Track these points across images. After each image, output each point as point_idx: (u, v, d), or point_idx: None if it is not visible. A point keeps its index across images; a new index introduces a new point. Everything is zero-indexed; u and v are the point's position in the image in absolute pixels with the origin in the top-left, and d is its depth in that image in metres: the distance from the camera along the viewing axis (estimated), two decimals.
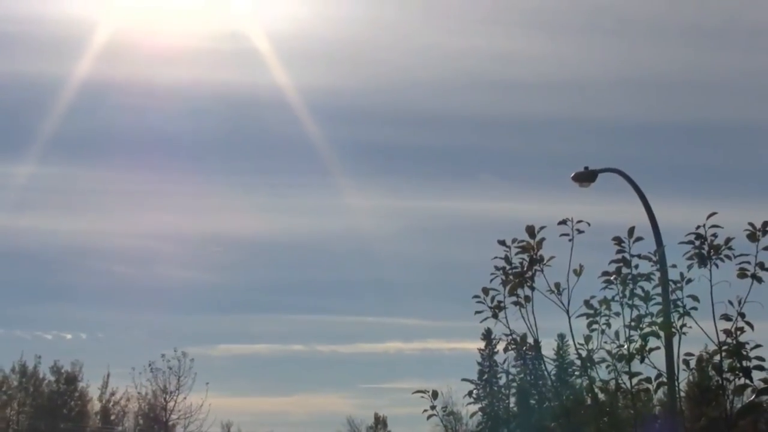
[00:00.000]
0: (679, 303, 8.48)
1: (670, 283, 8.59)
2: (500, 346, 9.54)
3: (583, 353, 8.72)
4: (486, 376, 76.61)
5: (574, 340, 8.79)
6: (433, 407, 9.21)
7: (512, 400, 75.32)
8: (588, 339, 8.72)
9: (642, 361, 8.53)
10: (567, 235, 8.92)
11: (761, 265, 8.23)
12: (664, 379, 8.54)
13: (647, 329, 8.53)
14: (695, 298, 8.44)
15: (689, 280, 8.50)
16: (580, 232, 8.92)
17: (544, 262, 8.88)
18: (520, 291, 8.88)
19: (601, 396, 8.72)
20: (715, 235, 8.44)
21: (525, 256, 8.91)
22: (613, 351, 8.61)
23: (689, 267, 8.51)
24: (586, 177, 20.84)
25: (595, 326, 8.70)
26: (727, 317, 8.17)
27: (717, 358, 8.20)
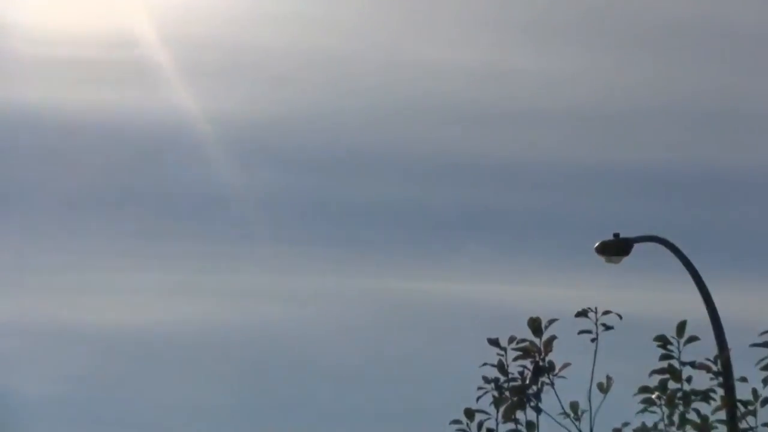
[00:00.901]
0: None
1: (738, 404, 6.87)
2: None
3: None
4: None
5: None
6: None
7: None
8: None
9: None
10: (589, 332, 7.04)
11: None
12: None
13: None
14: None
15: (765, 400, 6.79)
16: (607, 328, 7.03)
17: (555, 371, 7.04)
18: (519, 414, 6.96)
19: None
20: None
21: (527, 361, 7.13)
22: None
23: (765, 381, 6.77)
24: (618, 248, 18.20)
25: None
26: None
27: None
